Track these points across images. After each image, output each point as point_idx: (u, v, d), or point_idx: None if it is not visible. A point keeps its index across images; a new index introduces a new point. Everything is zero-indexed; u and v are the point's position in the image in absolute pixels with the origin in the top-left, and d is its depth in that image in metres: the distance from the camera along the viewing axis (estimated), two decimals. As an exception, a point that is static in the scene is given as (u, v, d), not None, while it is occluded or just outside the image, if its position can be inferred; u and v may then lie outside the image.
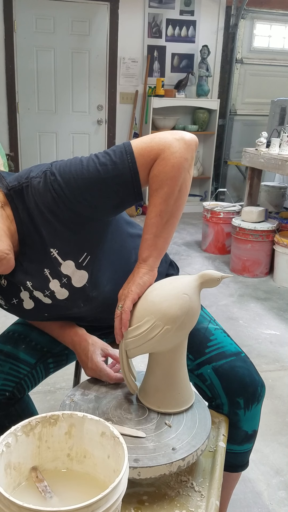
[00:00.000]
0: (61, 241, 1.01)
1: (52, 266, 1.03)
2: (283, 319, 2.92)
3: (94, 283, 1.07)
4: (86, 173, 0.95)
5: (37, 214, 0.98)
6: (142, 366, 1.10)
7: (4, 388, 1.12)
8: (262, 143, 3.55)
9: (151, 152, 0.95)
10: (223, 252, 4.00)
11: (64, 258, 1.02)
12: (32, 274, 1.05)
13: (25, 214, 1.00)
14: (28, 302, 1.09)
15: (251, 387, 1.10)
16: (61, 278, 1.04)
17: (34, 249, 1.02)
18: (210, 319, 1.24)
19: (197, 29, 5.13)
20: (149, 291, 0.98)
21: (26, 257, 1.04)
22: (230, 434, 1.13)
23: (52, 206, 0.97)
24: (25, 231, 1.01)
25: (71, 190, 0.95)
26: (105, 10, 4.90)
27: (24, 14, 4.72)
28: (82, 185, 0.95)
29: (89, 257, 1.04)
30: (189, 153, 0.96)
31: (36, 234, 1.01)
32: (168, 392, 1.01)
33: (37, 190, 0.97)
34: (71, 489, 0.77)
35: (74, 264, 1.03)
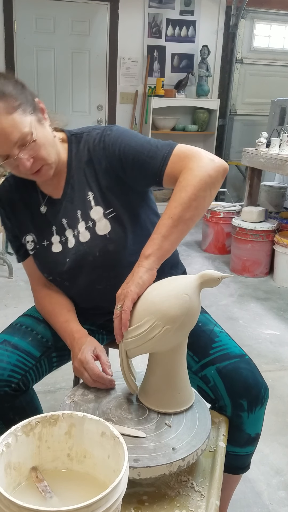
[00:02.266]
0: (97, 188, 1.16)
1: (84, 208, 1.17)
2: (283, 319, 2.92)
3: (113, 238, 1.17)
4: (133, 140, 1.12)
5: (86, 159, 1.17)
6: (142, 366, 1.10)
7: (11, 379, 1.12)
8: (262, 143, 3.55)
9: (184, 158, 1.06)
10: (223, 252, 4.00)
11: (96, 203, 1.17)
12: (67, 213, 1.20)
13: (76, 157, 1.18)
14: (57, 245, 1.21)
15: (254, 389, 1.10)
16: (88, 221, 1.17)
17: (75, 190, 1.19)
18: (216, 323, 1.26)
19: (197, 29, 5.13)
20: (149, 291, 0.98)
21: (68, 196, 1.20)
22: (233, 437, 1.12)
23: (99, 154, 1.15)
24: (71, 172, 1.18)
25: (115, 146, 1.12)
26: (105, 10, 4.90)
27: (24, 14, 4.72)
28: (125, 146, 1.11)
29: (114, 214, 1.16)
30: (214, 172, 1.03)
31: (80, 176, 1.18)
32: (168, 392, 1.01)
33: (92, 138, 1.17)
34: (71, 489, 0.77)
35: (102, 211, 1.16)
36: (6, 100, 1.03)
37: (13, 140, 1.03)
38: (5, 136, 1.02)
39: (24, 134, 1.04)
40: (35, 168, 1.09)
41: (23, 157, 1.05)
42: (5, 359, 1.14)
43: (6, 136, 1.02)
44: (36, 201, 1.23)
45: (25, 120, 1.05)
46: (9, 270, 3.37)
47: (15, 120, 1.03)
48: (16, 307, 2.90)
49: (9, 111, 1.02)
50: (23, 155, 1.05)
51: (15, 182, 1.25)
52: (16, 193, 1.25)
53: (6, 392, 1.11)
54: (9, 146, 1.04)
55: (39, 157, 1.08)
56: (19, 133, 1.03)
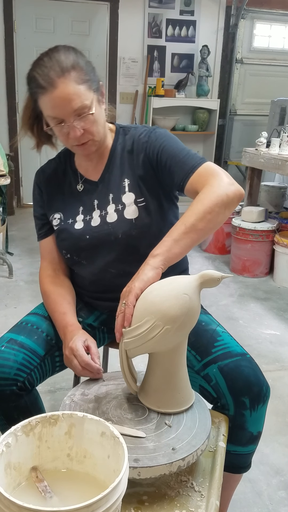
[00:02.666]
0: (133, 176, 1.25)
1: (117, 192, 1.25)
2: (283, 319, 2.92)
3: (138, 224, 1.22)
4: (175, 143, 1.22)
5: (128, 148, 1.27)
6: (142, 366, 1.10)
7: (17, 378, 1.13)
8: (262, 143, 3.55)
9: (209, 175, 1.13)
10: (223, 252, 4.00)
11: (129, 189, 1.25)
12: (101, 195, 1.28)
13: (120, 146, 1.29)
14: (79, 223, 1.28)
15: (256, 386, 1.10)
16: (118, 205, 1.24)
17: (112, 174, 1.28)
18: (218, 323, 1.27)
19: (197, 29, 5.13)
20: (149, 291, 0.98)
21: (104, 180, 1.28)
22: (235, 436, 1.13)
23: (141, 146, 1.25)
24: (113, 158, 1.28)
25: (157, 142, 1.22)
26: (105, 10, 4.90)
27: (24, 14, 4.72)
28: (165, 145, 1.21)
29: (144, 203, 1.23)
30: (232, 194, 1.09)
31: (120, 163, 1.27)
32: (168, 392, 1.01)
33: (139, 132, 1.28)
34: (71, 489, 0.77)
35: (134, 198, 1.24)
36: (78, 71, 1.13)
37: (74, 107, 1.12)
38: (69, 101, 1.12)
39: (85, 105, 1.14)
40: (82, 140, 1.18)
41: (76, 125, 1.14)
42: (12, 357, 1.14)
43: (69, 101, 1.12)
44: (71, 180, 1.32)
45: (89, 94, 1.15)
46: (9, 270, 3.37)
47: (81, 90, 1.13)
48: (16, 307, 2.90)
49: (78, 82, 1.12)
50: (77, 124, 1.15)
51: (56, 164, 1.36)
52: (54, 173, 1.35)
53: (12, 391, 1.12)
54: (68, 112, 1.13)
55: (89, 131, 1.17)
56: (81, 102, 1.13)
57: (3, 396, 1.12)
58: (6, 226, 3.65)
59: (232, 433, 1.11)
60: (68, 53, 1.15)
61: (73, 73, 1.12)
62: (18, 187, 5.18)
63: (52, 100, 1.12)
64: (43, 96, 1.13)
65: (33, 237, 4.37)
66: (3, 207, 3.43)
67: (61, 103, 1.12)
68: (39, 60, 1.15)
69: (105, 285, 1.30)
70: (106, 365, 1.78)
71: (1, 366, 1.12)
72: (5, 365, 1.12)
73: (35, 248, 4.02)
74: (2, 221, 3.46)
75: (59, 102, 1.12)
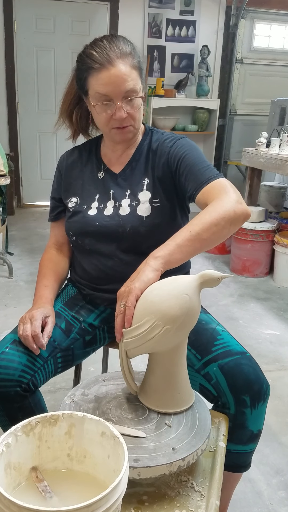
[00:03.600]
0: (152, 176, 1.29)
1: (135, 189, 1.29)
2: (283, 319, 2.92)
3: (148, 222, 1.25)
4: (197, 154, 1.25)
5: (153, 149, 1.31)
6: (142, 366, 1.10)
7: (21, 380, 1.13)
8: (262, 143, 3.55)
9: (221, 190, 1.14)
10: (223, 252, 4.00)
11: (147, 188, 1.29)
12: (118, 187, 1.32)
13: (145, 146, 1.33)
14: (93, 210, 1.31)
15: (256, 384, 1.11)
16: (133, 200, 1.28)
17: (133, 171, 1.32)
18: (218, 323, 1.28)
19: (197, 29, 5.13)
20: (149, 291, 0.98)
21: (125, 175, 1.33)
22: (236, 435, 1.13)
23: (164, 150, 1.28)
24: (136, 156, 1.33)
25: (181, 150, 1.25)
26: (105, 10, 4.90)
27: (24, 14, 4.72)
28: (188, 153, 1.24)
29: (158, 204, 1.27)
30: (239, 211, 1.09)
31: (143, 162, 1.31)
32: (168, 392, 1.01)
33: (165, 136, 1.32)
34: (71, 489, 0.77)
35: (150, 197, 1.27)
36: (135, 59, 1.21)
37: (127, 88, 1.18)
38: (123, 81, 1.18)
39: (135, 89, 1.20)
40: (124, 123, 1.23)
41: (124, 107, 1.20)
42: (16, 359, 1.14)
43: (124, 81, 1.18)
44: (94, 168, 1.37)
45: (139, 81, 1.22)
46: (9, 270, 3.37)
47: (134, 74, 1.20)
48: (16, 307, 2.90)
49: (134, 67, 1.20)
50: (125, 106, 1.20)
51: (81, 151, 1.41)
52: (78, 159, 1.40)
53: (16, 392, 1.12)
54: (121, 91, 1.18)
55: (132, 116, 1.23)
56: (133, 85, 1.19)
57: (7, 397, 1.12)
58: (6, 226, 3.65)
59: (233, 432, 1.12)
60: (126, 42, 1.23)
61: (130, 58, 1.19)
62: (18, 187, 5.18)
63: (107, 78, 1.17)
64: (97, 72, 1.18)
65: (33, 237, 4.40)
66: (3, 207, 3.43)
67: (116, 81, 1.17)
68: (97, 41, 1.22)
69: (105, 275, 1.32)
70: (106, 365, 1.78)
71: (6, 367, 1.12)
72: (10, 367, 1.12)
73: (35, 248, 4.02)
74: (2, 221, 3.46)
75: (114, 79, 1.17)
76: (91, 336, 1.34)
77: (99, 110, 1.22)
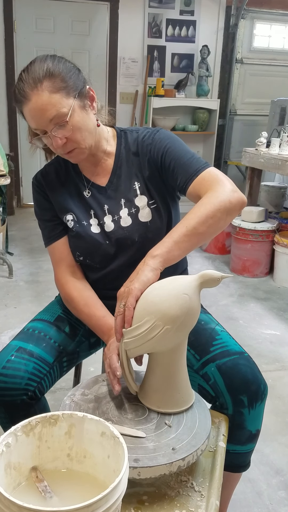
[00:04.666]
0: (142, 178, 1.25)
1: (129, 196, 1.25)
2: (283, 319, 2.92)
3: (153, 227, 1.23)
4: (179, 145, 1.22)
5: (133, 150, 1.26)
6: (142, 366, 1.10)
7: (28, 388, 1.12)
8: (262, 143, 3.55)
9: (213, 180, 1.13)
10: (223, 252, 4.00)
11: (141, 192, 1.24)
12: (111, 200, 1.26)
13: (125, 149, 1.27)
14: (95, 227, 1.27)
15: (253, 384, 1.11)
16: (131, 208, 1.24)
17: (121, 179, 1.26)
18: (218, 323, 1.28)
19: (197, 29, 5.13)
20: (149, 291, 0.98)
21: (113, 185, 1.27)
22: (234, 435, 1.13)
23: (145, 148, 1.24)
24: (119, 163, 1.27)
25: (162, 143, 1.22)
26: (105, 10, 4.90)
27: (24, 14, 4.72)
28: (170, 147, 1.21)
29: (155, 205, 1.24)
30: (235, 200, 1.08)
31: (127, 167, 1.26)
32: (168, 392, 1.01)
33: (142, 133, 1.27)
34: (71, 489, 0.77)
35: (146, 201, 1.24)
36: (53, 80, 1.11)
37: (49, 117, 1.11)
38: (42, 111, 1.10)
39: (61, 114, 1.11)
40: (66, 149, 1.17)
41: (55, 135, 1.13)
42: (23, 367, 1.13)
43: (43, 112, 1.10)
44: (76, 183, 1.30)
45: (66, 102, 1.12)
46: (9, 270, 3.37)
47: (55, 99, 1.10)
48: (16, 307, 2.90)
49: (52, 91, 1.10)
50: (56, 134, 1.13)
51: (55, 167, 1.33)
52: (56, 177, 1.32)
53: (23, 401, 1.11)
54: (45, 122, 1.11)
55: (72, 139, 1.15)
56: (56, 111, 1.10)
57: (13, 406, 1.11)
58: (6, 226, 3.65)
59: (231, 432, 1.12)
60: (43, 62, 1.12)
61: (45, 83, 1.10)
62: (18, 187, 5.18)
63: (28, 113, 1.12)
64: (22, 109, 1.14)
65: (33, 236, 4.39)
66: (3, 207, 3.43)
67: (36, 114, 1.11)
68: (19, 76, 1.14)
69: (113, 284, 1.27)
70: (106, 365, 1.77)
71: (12, 376, 1.11)
72: (16, 376, 1.11)
73: (35, 248, 4.02)
74: (2, 221, 3.46)
75: (34, 113, 1.11)
76: (95, 337, 1.34)
77: (39, 144, 1.20)
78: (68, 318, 1.31)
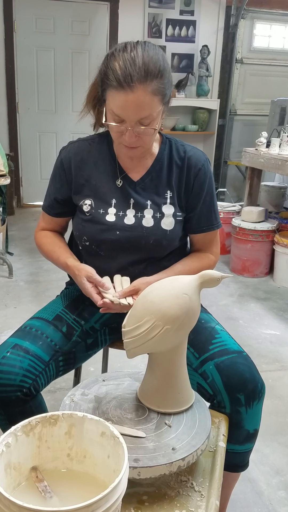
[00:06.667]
0: (177, 191, 1.28)
1: (158, 202, 1.28)
2: (283, 319, 2.92)
3: (170, 236, 1.28)
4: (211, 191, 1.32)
5: (178, 163, 1.28)
6: (142, 366, 1.10)
7: (23, 384, 1.12)
8: (262, 143, 3.55)
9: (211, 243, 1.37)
10: (223, 252, 3.99)
11: (171, 202, 1.28)
12: (138, 196, 1.28)
13: (166, 156, 1.29)
14: (111, 216, 1.27)
15: (251, 383, 1.11)
16: (157, 212, 1.27)
17: (153, 181, 1.28)
18: (218, 322, 1.29)
19: (197, 29, 5.13)
20: (149, 291, 0.98)
21: (144, 184, 1.28)
22: (232, 434, 1.13)
23: (193, 170, 1.28)
24: (156, 167, 1.28)
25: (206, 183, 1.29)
26: (105, 10, 4.90)
27: (24, 14, 4.72)
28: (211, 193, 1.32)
29: (181, 218, 1.29)
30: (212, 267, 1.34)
31: (164, 173, 1.28)
32: (168, 392, 1.01)
33: (189, 151, 1.29)
34: (71, 489, 0.77)
35: (174, 211, 1.28)
36: (160, 82, 1.10)
37: (141, 116, 1.11)
38: (138, 108, 1.10)
39: (151, 117, 1.12)
40: (133, 144, 1.17)
41: (135, 131, 1.13)
42: (18, 364, 1.14)
43: (139, 109, 1.10)
44: (108, 170, 1.29)
45: (159, 107, 1.13)
46: (9, 270, 3.37)
47: (154, 102, 1.11)
48: (16, 307, 2.90)
49: (155, 92, 1.10)
50: (136, 131, 1.13)
51: (91, 147, 1.31)
52: (89, 157, 1.30)
53: (17, 397, 1.11)
54: (134, 116, 1.11)
55: (143, 140, 1.17)
56: (148, 113, 1.11)
57: (8, 402, 1.12)
58: (6, 226, 3.65)
59: (229, 432, 1.12)
60: (157, 56, 1.10)
61: (155, 82, 1.08)
62: (18, 187, 5.18)
63: (124, 101, 1.09)
64: (115, 92, 1.09)
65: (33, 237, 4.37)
66: (3, 207, 3.43)
67: (130, 107, 1.09)
68: (125, 51, 1.09)
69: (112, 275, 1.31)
70: (106, 365, 1.78)
71: (7, 372, 1.12)
72: (11, 372, 1.12)
73: (35, 248, 3.99)
74: (2, 221, 3.46)
75: (128, 105, 1.09)
76: (92, 339, 1.34)
77: (111, 127, 1.17)
78: (66, 317, 1.31)
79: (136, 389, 1.07)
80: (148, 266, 1.29)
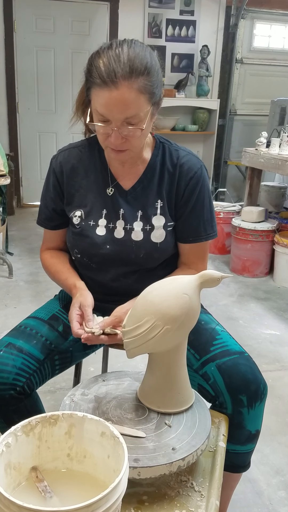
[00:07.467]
0: (168, 200, 1.23)
1: (147, 212, 1.22)
2: (283, 319, 2.92)
3: (161, 248, 1.24)
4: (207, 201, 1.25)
5: (170, 170, 1.22)
6: (142, 366, 1.10)
7: (16, 383, 1.12)
8: (262, 143, 3.55)
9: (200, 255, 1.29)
10: (223, 252, 4.00)
11: (161, 213, 1.23)
12: (128, 206, 1.23)
13: (158, 162, 1.23)
14: (101, 228, 1.23)
15: (253, 384, 1.11)
16: (146, 225, 1.22)
17: (145, 191, 1.23)
18: (218, 323, 1.28)
19: (197, 29, 5.13)
20: (149, 291, 0.98)
21: (135, 193, 1.23)
22: (234, 435, 1.13)
23: (184, 178, 1.21)
24: (148, 174, 1.23)
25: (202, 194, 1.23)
26: (105, 10, 4.90)
27: (24, 14, 4.72)
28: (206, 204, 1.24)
29: (171, 228, 1.24)
30: None
31: (155, 180, 1.23)
32: (168, 392, 1.01)
33: (182, 158, 1.22)
34: (71, 489, 0.77)
35: (164, 222, 1.23)
36: (147, 79, 1.04)
37: (126, 115, 1.04)
38: (123, 107, 1.03)
39: (138, 117, 1.06)
40: (120, 147, 1.11)
41: (121, 132, 1.07)
42: (11, 362, 1.14)
43: (124, 107, 1.03)
44: (99, 178, 1.24)
45: (146, 107, 1.07)
46: (9, 270, 3.37)
47: (141, 100, 1.04)
48: (16, 307, 2.90)
49: (142, 90, 1.03)
50: (121, 131, 1.07)
51: (81, 154, 1.26)
52: (80, 164, 1.25)
53: (11, 396, 1.11)
54: (119, 115, 1.04)
55: (130, 143, 1.10)
56: (135, 112, 1.04)
57: (2, 400, 1.12)
58: (6, 226, 3.65)
59: (231, 432, 1.12)
60: (143, 52, 1.05)
61: (141, 79, 1.02)
62: (18, 187, 5.18)
63: (108, 99, 1.03)
64: (99, 89, 1.03)
65: (33, 237, 4.40)
66: (3, 207, 3.43)
67: (116, 106, 1.03)
68: (109, 49, 1.04)
69: (108, 289, 1.30)
70: (106, 365, 1.78)
71: (0, 371, 1.12)
72: (4, 370, 1.12)
73: (35, 248, 4.02)
74: (2, 221, 3.46)
75: (114, 103, 1.03)
76: None
77: (97, 129, 1.10)
78: (62, 317, 1.31)
79: (136, 389, 1.07)
80: (142, 276, 1.27)
